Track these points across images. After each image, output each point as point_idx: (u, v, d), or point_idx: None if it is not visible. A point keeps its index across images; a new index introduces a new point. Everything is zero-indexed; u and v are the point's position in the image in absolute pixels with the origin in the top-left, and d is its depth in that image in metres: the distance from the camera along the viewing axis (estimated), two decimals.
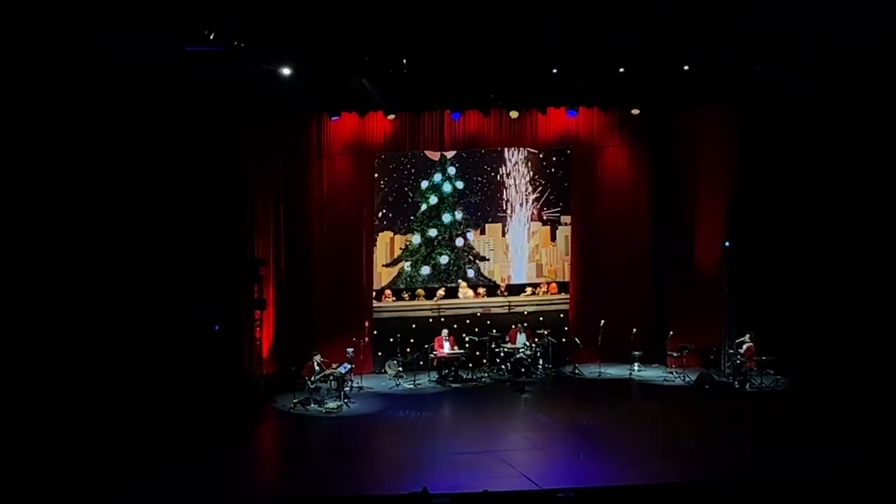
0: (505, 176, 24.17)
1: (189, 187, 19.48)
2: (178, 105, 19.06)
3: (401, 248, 23.88)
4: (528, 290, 24.41)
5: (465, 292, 23.99)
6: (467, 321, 23.80)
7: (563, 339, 23.87)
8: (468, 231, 24.09)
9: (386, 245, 23.75)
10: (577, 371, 23.36)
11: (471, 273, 24.16)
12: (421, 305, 23.74)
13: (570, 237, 24.36)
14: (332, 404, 20.43)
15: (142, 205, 18.81)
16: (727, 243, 22.84)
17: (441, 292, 23.77)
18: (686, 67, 20.53)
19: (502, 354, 23.22)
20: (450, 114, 22.54)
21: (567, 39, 19.42)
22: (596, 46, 19.78)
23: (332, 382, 20.79)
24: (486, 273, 24.34)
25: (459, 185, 23.92)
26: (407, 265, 23.85)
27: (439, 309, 23.71)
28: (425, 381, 22.51)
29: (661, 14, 18.86)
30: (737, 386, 21.81)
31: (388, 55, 19.72)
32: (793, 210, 22.15)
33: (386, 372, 22.90)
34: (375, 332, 23.21)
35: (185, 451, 17.47)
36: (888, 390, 20.21)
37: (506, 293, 24.22)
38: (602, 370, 23.24)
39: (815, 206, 21.96)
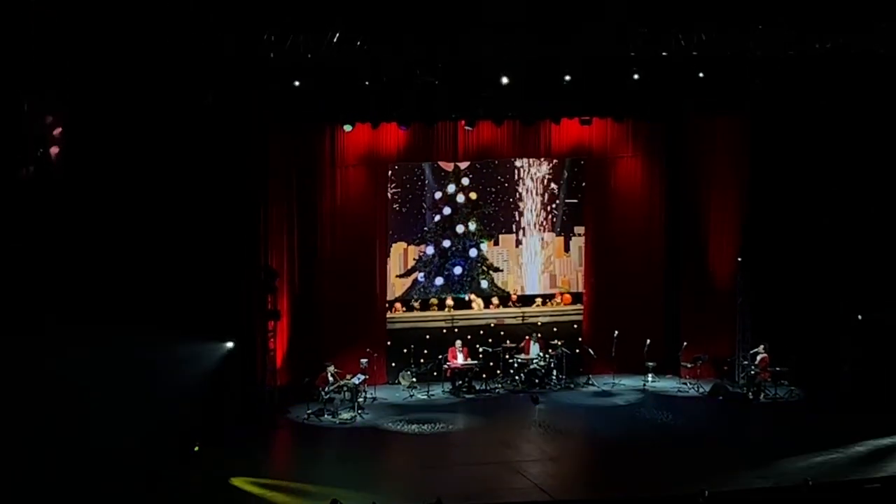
0: (519, 187, 24.18)
1: (203, 195, 19.45)
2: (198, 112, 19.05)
3: (414, 259, 23.90)
4: (539, 300, 24.40)
5: (476, 303, 23.99)
6: (481, 332, 23.77)
7: (577, 350, 23.83)
8: (482, 242, 24.10)
9: (399, 256, 23.78)
10: (590, 382, 23.32)
11: (484, 284, 24.16)
12: (434, 316, 23.74)
13: (583, 248, 24.35)
14: (345, 415, 20.45)
15: (156, 211, 18.77)
16: (739, 258, 22.82)
17: (449, 302, 23.78)
18: (700, 75, 20.53)
19: (516, 365, 23.19)
20: (463, 125, 22.52)
21: (582, 48, 19.55)
22: (609, 54, 19.88)
23: (346, 393, 20.80)
24: (499, 284, 24.34)
25: (473, 195, 23.94)
26: (420, 276, 23.86)
27: (453, 319, 23.70)
28: (439, 391, 22.51)
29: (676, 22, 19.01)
30: (751, 397, 21.76)
31: (402, 65, 19.79)
32: (806, 220, 22.11)
33: (400, 383, 22.89)
34: (389, 343, 23.21)
35: (199, 461, 17.52)
36: None
37: (518, 304, 24.21)
38: (616, 381, 23.19)
39: (829, 216, 21.91)
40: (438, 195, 23.78)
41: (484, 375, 23.11)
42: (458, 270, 23.91)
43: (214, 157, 19.53)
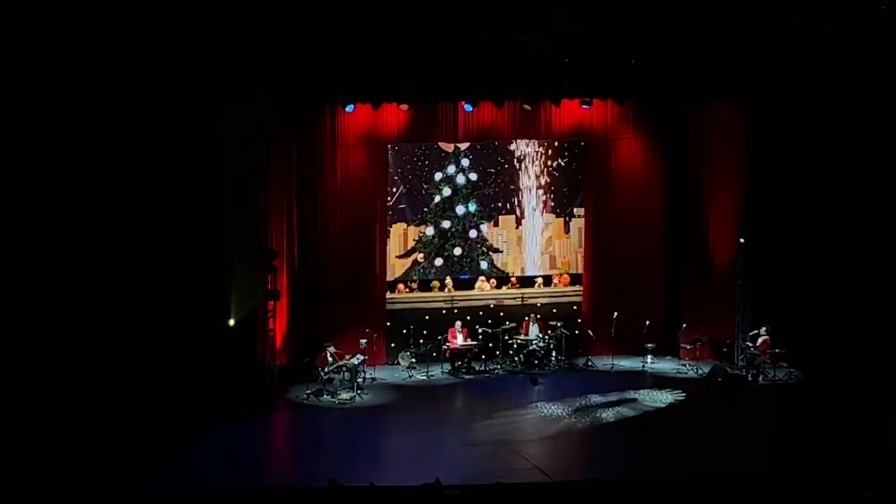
0: (519, 168, 24.14)
1: (202, 177, 19.42)
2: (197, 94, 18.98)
3: (414, 240, 23.89)
4: (539, 280, 24.39)
5: (481, 285, 23.98)
6: (480, 313, 23.77)
7: (576, 331, 23.84)
8: (482, 223, 24.08)
9: (399, 236, 23.76)
10: (590, 363, 23.35)
11: (484, 265, 24.15)
12: (434, 297, 23.74)
13: (583, 229, 24.33)
14: (344, 395, 20.48)
15: (155, 193, 18.73)
16: (741, 240, 22.81)
17: (449, 282, 23.78)
18: (701, 59, 20.44)
19: (515, 346, 23.22)
20: (463, 105, 22.49)
21: (581, 29, 19.49)
22: (612, 37, 19.82)
23: (346, 373, 20.82)
24: (499, 265, 24.33)
25: (473, 176, 23.90)
26: (420, 257, 23.86)
27: (452, 300, 23.70)
28: (438, 372, 22.54)
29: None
30: (750, 379, 21.79)
31: (403, 45, 19.72)
32: (807, 202, 22.10)
33: (399, 363, 22.92)
34: (389, 324, 23.23)
35: (199, 441, 17.55)
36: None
37: (518, 285, 24.21)
38: (615, 362, 23.22)
39: (828, 199, 21.90)
40: (438, 176, 23.72)
41: (483, 356, 23.15)
42: (457, 251, 23.89)
43: (214, 140, 19.49)
